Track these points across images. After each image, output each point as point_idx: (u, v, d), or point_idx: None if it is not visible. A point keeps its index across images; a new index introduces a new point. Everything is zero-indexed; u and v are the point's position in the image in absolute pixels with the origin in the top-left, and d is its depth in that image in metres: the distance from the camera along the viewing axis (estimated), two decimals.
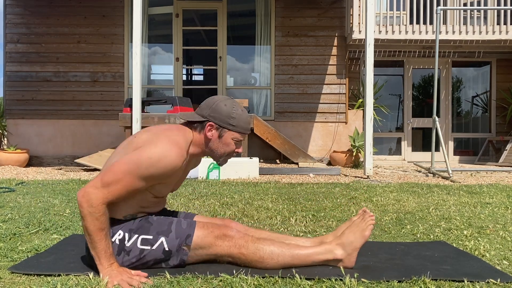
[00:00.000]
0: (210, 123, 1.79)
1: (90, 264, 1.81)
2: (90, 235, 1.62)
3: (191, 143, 1.81)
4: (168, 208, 2.09)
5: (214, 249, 1.75)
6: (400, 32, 7.78)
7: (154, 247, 1.73)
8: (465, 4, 8.59)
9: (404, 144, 8.88)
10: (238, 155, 6.78)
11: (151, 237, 1.74)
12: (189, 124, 1.84)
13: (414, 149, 8.92)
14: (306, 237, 2.30)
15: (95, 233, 1.62)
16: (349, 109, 8.12)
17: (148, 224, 1.76)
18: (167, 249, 1.73)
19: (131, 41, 7.63)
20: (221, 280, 1.63)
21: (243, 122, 1.83)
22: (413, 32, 7.76)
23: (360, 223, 1.85)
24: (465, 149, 9.04)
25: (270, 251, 1.76)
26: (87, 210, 1.60)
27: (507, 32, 7.73)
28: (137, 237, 1.73)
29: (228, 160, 1.89)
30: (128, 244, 1.73)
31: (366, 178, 5.64)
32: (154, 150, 1.66)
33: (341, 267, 1.78)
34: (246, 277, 1.65)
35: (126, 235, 1.74)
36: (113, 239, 1.73)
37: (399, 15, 8.03)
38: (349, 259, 1.80)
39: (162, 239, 1.74)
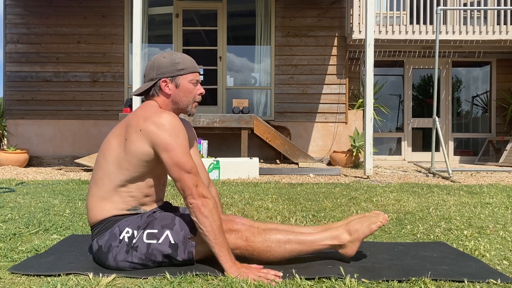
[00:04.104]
0: (162, 79, 1.82)
1: (90, 264, 1.81)
2: (216, 233, 1.67)
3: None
4: (174, 205, 2.11)
5: None
6: (400, 32, 7.78)
7: (160, 241, 1.73)
8: (465, 4, 8.59)
9: (404, 144, 8.88)
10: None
11: (156, 231, 1.74)
12: (149, 98, 1.87)
13: (414, 149, 8.92)
14: (312, 226, 2.31)
15: (219, 229, 1.67)
16: (349, 109, 8.12)
17: (153, 219, 1.77)
18: (173, 242, 1.73)
19: (131, 41, 7.63)
20: (221, 280, 1.63)
21: (189, 62, 1.86)
22: (413, 32, 7.76)
23: (371, 217, 1.89)
24: (465, 149, 9.04)
25: (277, 240, 1.78)
26: (208, 207, 1.67)
27: (507, 32, 7.73)
28: (143, 232, 1.74)
29: (196, 107, 1.91)
30: (135, 240, 1.73)
31: (366, 178, 5.64)
32: (162, 121, 1.69)
33: (342, 253, 1.86)
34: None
35: (135, 232, 1.74)
36: (120, 237, 1.73)
37: (399, 15, 8.03)
38: (351, 247, 1.85)
39: (167, 232, 1.74)
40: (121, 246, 1.73)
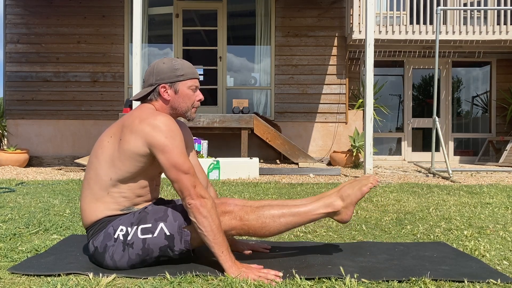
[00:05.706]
0: (162, 85, 1.82)
1: (90, 264, 1.81)
2: (215, 233, 1.67)
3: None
4: (166, 199, 2.10)
5: None
6: (400, 32, 7.78)
7: (155, 234, 1.73)
8: (465, 4, 8.59)
9: (404, 144, 8.88)
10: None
11: (150, 225, 1.74)
12: (147, 102, 1.87)
13: (414, 149, 8.92)
14: (305, 198, 2.30)
15: (219, 229, 1.68)
16: (349, 109, 8.12)
17: (145, 214, 1.77)
18: (168, 233, 1.73)
19: (131, 41, 7.63)
20: (221, 280, 1.63)
21: (188, 68, 1.86)
22: (413, 32, 7.76)
23: (362, 180, 1.90)
24: (465, 149, 9.04)
25: (271, 215, 1.79)
26: (207, 207, 1.67)
27: (507, 32, 7.73)
28: (137, 228, 1.74)
29: (195, 112, 1.92)
30: (129, 237, 1.73)
31: None
32: (158, 123, 1.70)
33: (338, 220, 1.89)
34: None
35: (129, 229, 1.74)
36: (115, 236, 1.73)
37: (399, 15, 8.03)
38: (345, 212, 1.87)
39: (161, 224, 1.74)
40: (117, 244, 1.73)
